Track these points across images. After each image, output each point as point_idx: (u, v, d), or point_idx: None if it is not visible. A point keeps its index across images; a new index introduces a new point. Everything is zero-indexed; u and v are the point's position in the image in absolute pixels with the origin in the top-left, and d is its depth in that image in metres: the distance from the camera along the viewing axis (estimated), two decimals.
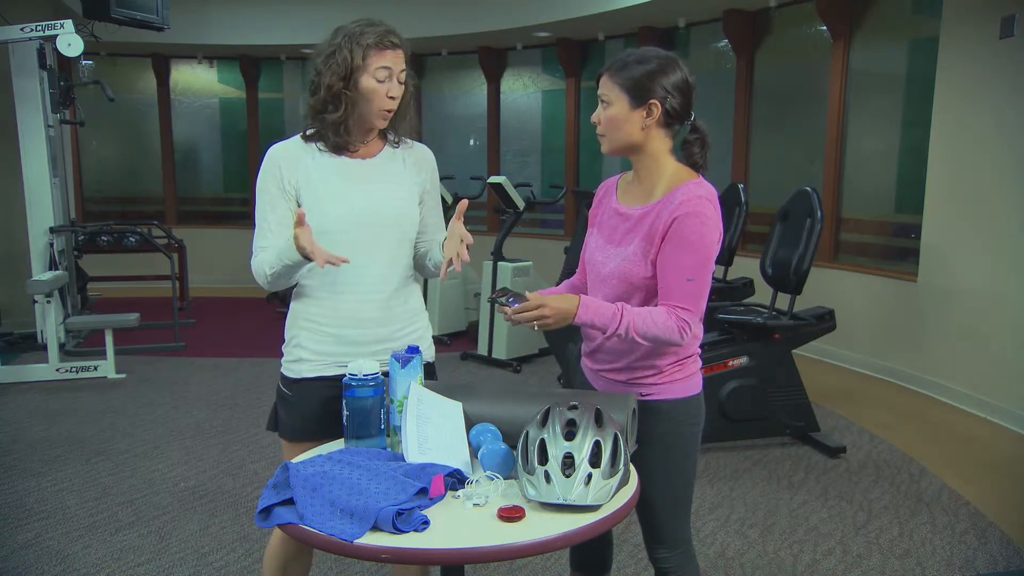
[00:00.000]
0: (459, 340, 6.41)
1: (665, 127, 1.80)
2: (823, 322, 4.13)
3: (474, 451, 1.65)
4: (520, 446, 1.51)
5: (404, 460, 1.58)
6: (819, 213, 3.89)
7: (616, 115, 1.78)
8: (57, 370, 5.23)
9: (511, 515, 1.41)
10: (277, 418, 2.03)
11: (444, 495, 1.48)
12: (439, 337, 6.20)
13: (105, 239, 6.48)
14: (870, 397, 5.06)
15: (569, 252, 5.28)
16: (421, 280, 2.11)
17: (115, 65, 9.17)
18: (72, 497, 3.45)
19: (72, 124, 7.31)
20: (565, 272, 4.90)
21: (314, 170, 1.89)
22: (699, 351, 1.92)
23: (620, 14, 6.69)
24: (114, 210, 9.31)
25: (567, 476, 1.43)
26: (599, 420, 1.51)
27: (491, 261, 5.74)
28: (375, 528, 1.36)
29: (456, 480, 1.53)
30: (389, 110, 1.87)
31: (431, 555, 1.35)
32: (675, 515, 1.93)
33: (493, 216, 7.77)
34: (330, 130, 1.87)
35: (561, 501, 1.42)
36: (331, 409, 1.84)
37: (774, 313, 4.09)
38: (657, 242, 1.76)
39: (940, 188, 5.03)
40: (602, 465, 1.46)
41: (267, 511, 1.45)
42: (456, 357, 5.91)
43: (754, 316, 4.00)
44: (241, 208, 9.64)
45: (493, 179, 5.85)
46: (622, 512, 1.48)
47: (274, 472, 1.56)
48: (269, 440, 4.04)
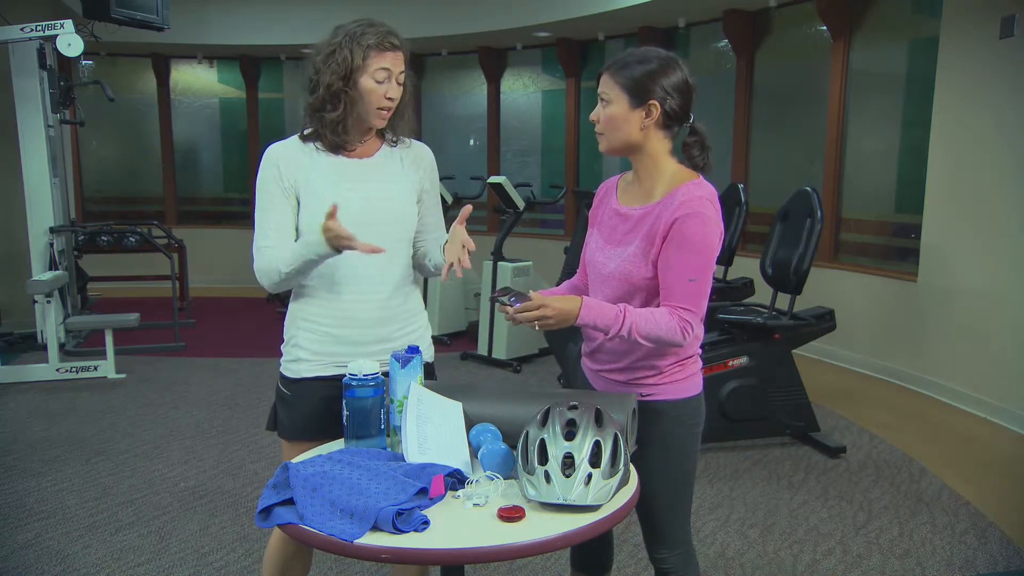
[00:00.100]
0: (459, 340, 6.41)
1: (664, 128, 1.79)
2: (823, 322, 4.13)
3: (474, 451, 1.65)
4: (520, 446, 1.51)
5: (404, 460, 1.58)
6: (819, 213, 3.89)
7: (615, 114, 1.78)
8: (57, 370, 5.23)
9: (511, 515, 1.41)
10: (276, 418, 2.03)
11: (444, 495, 1.48)
12: (439, 337, 6.20)
13: (105, 239, 6.48)
14: (870, 397, 5.06)
15: (569, 252, 5.27)
16: (420, 280, 2.11)
17: (115, 65, 9.17)
18: (72, 497, 3.45)
19: (72, 124, 7.30)
20: (565, 272, 4.90)
21: (312, 170, 1.89)
22: (699, 351, 1.92)
23: (620, 14, 6.68)
24: (114, 210, 9.29)
25: (567, 476, 1.43)
26: (599, 420, 1.51)
27: (491, 261, 5.74)
28: (375, 528, 1.36)
29: (456, 480, 1.53)
30: (387, 109, 1.87)
31: (431, 555, 1.35)
32: (675, 515, 1.93)
33: (493, 216, 7.77)
34: (328, 129, 1.87)
35: (561, 501, 1.42)
36: (330, 409, 1.84)
37: (774, 313, 4.09)
38: (658, 243, 1.76)
39: (940, 188, 5.03)
40: (602, 465, 1.45)
41: (267, 511, 1.46)
42: (456, 357, 5.91)
43: (754, 316, 4.00)
44: (241, 208, 9.64)
45: (493, 179, 5.85)
46: (622, 512, 1.48)
47: (274, 472, 1.56)
48: (269, 440, 4.04)
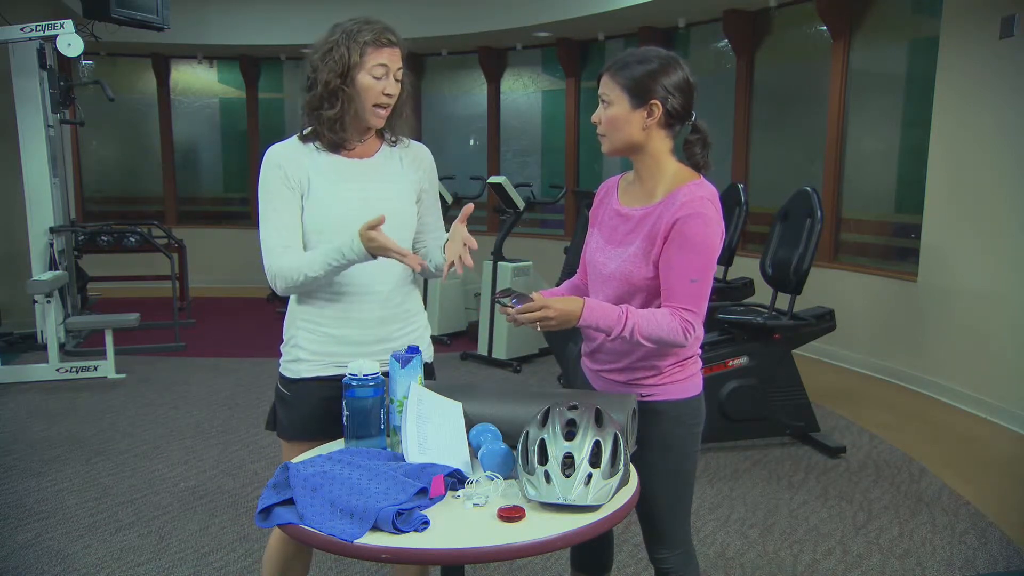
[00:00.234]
0: (459, 340, 6.41)
1: (666, 127, 1.79)
2: (823, 322, 4.13)
3: (474, 451, 1.65)
4: (520, 446, 1.51)
5: (404, 460, 1.58)
6: (819, 213, 3.89)
7: (617, 115, 1.77)
8: (57, 370, 5.23)
9: (511, 515, 1.40)
10: (276, 418, 2.03)
11: (444, 495, 1.48)
12: (439, 337, 6.20)
13: (105, 239, 6.48)
14: (870, 397, 5.06)
15: (569, 252, 5.28)
16: (420, 280, 2.10)
17: (115, 65, 9.17)
18: (72, 497, 3.44)
19: (72, 124, 7.30)
20: (565, 272, 4.90)
21: (313, 170, 1.88)
22: (699, 352, 1.92)
23: (620, 14, 6.68)
24: (114, 210, 9.29)
25: (567, 476, 1.43)
26: (599, 420, 1.51)
27: (491, 261, 5.74)
28: (375, 528, 1.36)
29: (456, 480, 1.52)
30: (385, 106, 1.87)
31: (431, 555, 1.35)
32: (675, 515, 1.93)
33: (493, 216, 7.77)
34: (326, 127, 1.86)
35: (561, 501, 1.42)
36: (330, 409, 1.84)
37: (774, 313, 4.09)
38: (659, 243, 1.75)
39: (940, 188, 5.03)
40: (602, 465, 1.45)
41: (267, 511, 1.45)
42: (456, 357, 5.90)
43: (754, 316, 4.00)
44: (241, 208, 9.64)
45: (493, 179, 5.85)
46: (622, 512, 1.48)
47: (274, 472, 1.56)
48: (269, 440, 4.04)
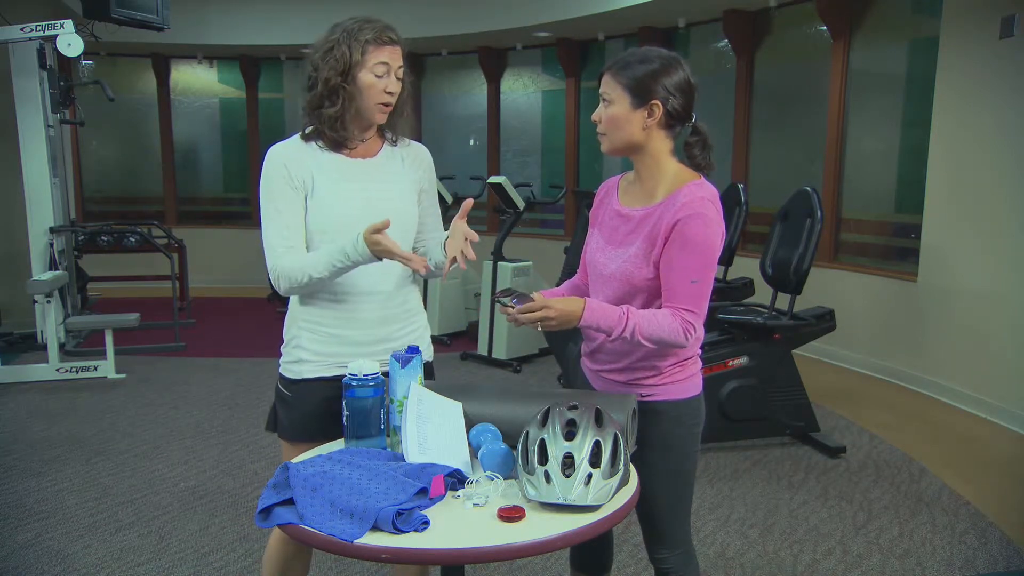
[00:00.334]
0: (459, 340, 6.41)
1: (666, 128, 1.79)
2: (823, 322, 4.13)
3: (474, 451, 1.65)
4: (520, 446, 1.51)
5: (404, 460, 1.58)
6: (819, 213, 3.89)
7: (617, 114, 1.77)
8: (57, 370, 5.23)
9: (511, 515, 1.40)
10: (276, 419, 2.03)
11: (444, 495, 1.48)
12: (439, 337, 6.20)
13: (105, 239, 6.48)
14: (870, 397, 5.06)
15: (569, 252, 5.28)
16: (420, 280, 2.10)
17: (115, 65, 9.17)
18: (72, 497, 3.44)
19: (72, 124, 7.30)
20: (565, 272, 4.90)
21: (316, 169, 1.88)
22: (699, 352, 1.92)
23: (620, 14, 6.68)
24: (114, 210, 9.29)
25: (567, 476, 1.43)
26: (599, 420, 1.51)
27: (491, 261, 5.74)
28: (375, 528, 1.36)
29: (456, 480, 1.52)
30: (387, 104, 1.87)
31: (431, 555, 1.35)
32: (675, 515, 1.93)
33: (493, 216, 7.77)
34: (327, 126, 1.86)
35: (561, 501, 1.42)
36: (330, 409, 1.84)
37: (774, 313, 4.09)
38: (659, 244, 1.75)
39: (940, 188, 5.03)
40: (602, 465, 1.45)
41: (267, 511, 1.45)
42: (456, 357, 5.90)
43: (754, 316, 4.00)
44: (241, 208, 9.64)
45: (493, 179, 5.85)
46: (622, 512, 1.48)
47: (274, 472, 1.56)
48: (269, 440, 4.04)
